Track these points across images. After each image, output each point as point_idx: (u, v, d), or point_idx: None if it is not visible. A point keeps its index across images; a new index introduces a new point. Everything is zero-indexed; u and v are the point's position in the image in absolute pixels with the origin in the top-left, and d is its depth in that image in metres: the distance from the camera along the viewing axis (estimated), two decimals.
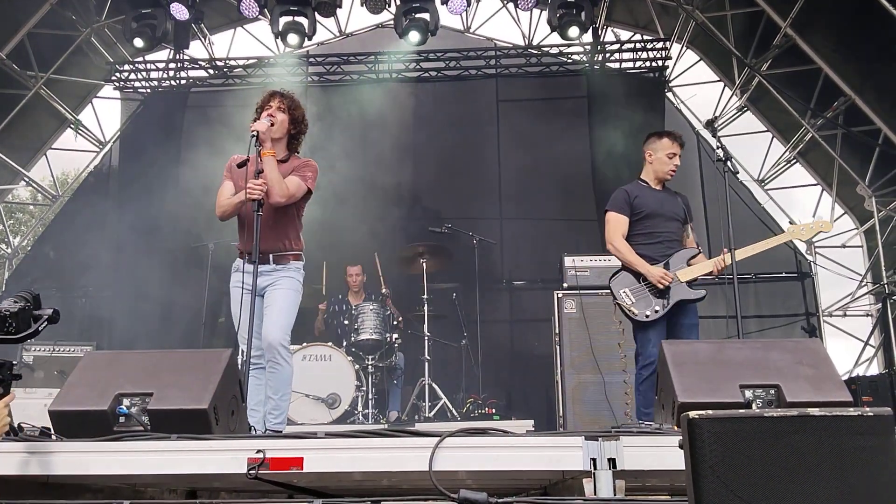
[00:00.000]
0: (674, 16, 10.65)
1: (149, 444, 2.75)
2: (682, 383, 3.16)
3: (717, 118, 10.65)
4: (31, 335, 2.78)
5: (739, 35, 9.93)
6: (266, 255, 4.49)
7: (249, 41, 11.89)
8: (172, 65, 11.05)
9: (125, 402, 3.11)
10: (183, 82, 11.13)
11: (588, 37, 10.03)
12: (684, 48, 10.81)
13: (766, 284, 10.02)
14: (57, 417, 3.12)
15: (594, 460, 2.50)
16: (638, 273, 5.12)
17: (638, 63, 10.61)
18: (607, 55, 10.72)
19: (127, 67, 10.98)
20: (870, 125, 8.99)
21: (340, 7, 9.69)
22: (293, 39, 9.34)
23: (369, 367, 7.64)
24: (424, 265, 7.97)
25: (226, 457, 2.65)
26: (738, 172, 6.38)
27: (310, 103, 8.47)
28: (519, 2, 9.78)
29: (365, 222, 9.45)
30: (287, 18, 9.24)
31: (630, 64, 10.66)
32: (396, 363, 7.97)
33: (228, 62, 11.20)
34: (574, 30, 9.23)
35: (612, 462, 2.49)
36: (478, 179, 10.14)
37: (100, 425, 3.03)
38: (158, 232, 9.74)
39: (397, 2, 9.61)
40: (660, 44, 10.50)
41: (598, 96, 10.27)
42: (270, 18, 9.46)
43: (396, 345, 7.90)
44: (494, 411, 7.60)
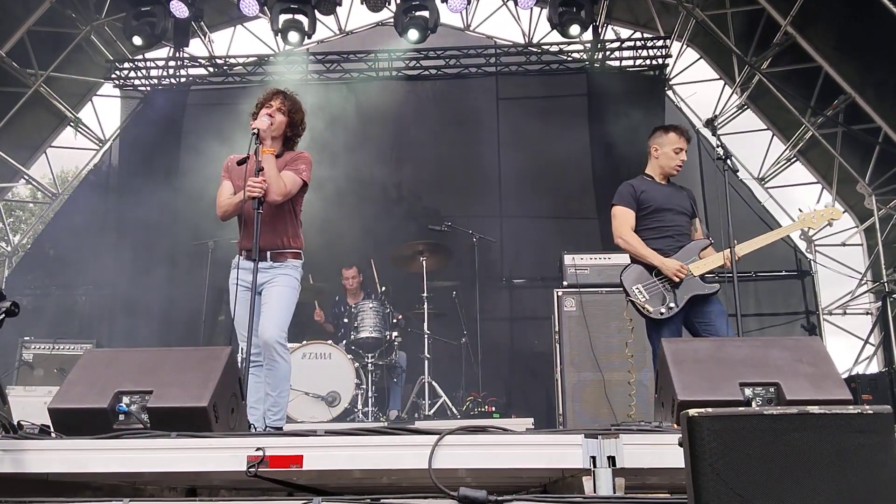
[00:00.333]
0: (674, 14, 10.64)
1: (148, 442, 2.75)
2: (682, 381, 3.16)
3: (717, 116, 10.64)
4: None
5: (740, 33, 9.92)
6: (263, 253, 4.47)
7: (249, 39, 11.90)
8: (172, 63, 11.05)
9: (125, 400, 3.11)
10: (183, 80, 11.11)
11: (588, 35, 10.02)
12: (684, 46, 10.80)
13: (766, 283, 10.02)
14: (56, 415, 3.12)
15: (594, 458, 2.50)
16: (650, 267, 4.95)
17: (638, 61, 10.60)
18: (607, 53, 10.70)
19: (127, 65, 10.97)
20: (870, 123, 8.98)
21: (340, 5, 9.70)
22: (293, 37, 9.33)
23: (369, 365, 7.63)
24: (424, 263, 7.95)
25: (225, 455, 2.65)
26: (738, 171, 6.38)
27: (310, 101, 8.45)
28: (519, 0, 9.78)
29: (364, 220, 9.46)
30: (287, 16, 9.23)
31: (630, 62, 10.65)
32: (396, 361, 7.95)
33: (228, 60, 11.20)
34: (575, 28, 9.24)
35: (612, 460, 2.49)
36: (478, 177, 10.13)
37: (99, 423, 3.03)
38: (158, 230, 9.75)
39: (397, 0, 9.61)
40: (660, 42, 10.49)
41: (599, 94, 10.25)
42: (270, 16, 9.46)
43: (396, 343, 7.90)
44: (494, 409, 7.58)
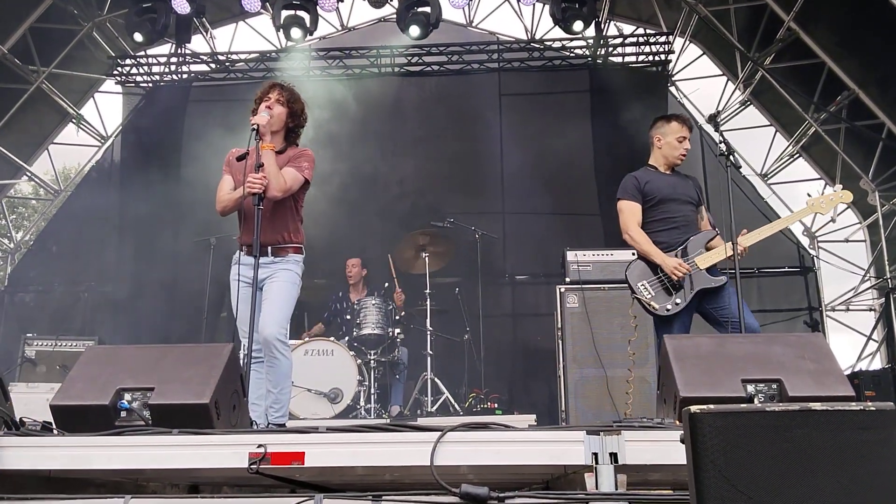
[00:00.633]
0: (676, 9, 10.62)
1: (150, 439, 2.75)
2: (684, 378, 3.15)
3: (720, 112, 10.62)
4: None
5: (742, 29, 9.90)
6: (264, 248, 4.45)
7: (251, 35, 11.90)
8: (174, 59, 11.04)
9: (126, 397, 3.11)
10: (184, 76, 11.12)
11: (591, 31, 10.00)
12: (687, 42, 10.78)
13: (769, 279, 10.02)
14: (58, 412, 3.11)
15: (596, 455, 2.49)
16: (654, 263, 4.92)
17: (641, 57, 10.58)
18: (610, 49, 10.67)
19: (129, 62, 10.96)
20: (873, 119, 8.97)
21: (342, 1, 9.67)
22: (295, 33, 9.32)
23: (371, 362, 7.63)
24: (427, 260, 7.95)
25: (227, 451, 2.65)
26: (741, 167, 6.35)
27: (312, 97, 8.44)
28: None
29: (366, 217, 9.45)
30: (289, 12, 9.22)
31: (633, 58, 10.63)
32: (399, 358, 7.96)
33: (230, 56, 11.18)
34: (577, 24, 9.22)
35: (614, 457, 2.49)
36: (480, 174, 10.12)
37: (101, 420, 3.03)
38: (160, 226, 9.74)
39: None
40: (663, 38, 10.45)
41: (601, 90, 10.24)
42: (272, 12, 9.45)
43: (399, 339, 7.90)
44: (496, 406, 7.59)
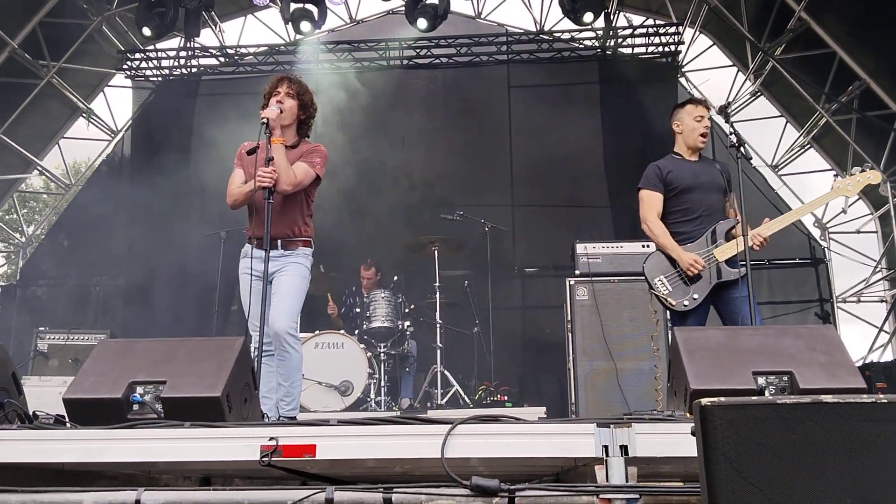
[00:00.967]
0: (686, 0, 10.55)
1: (162, 432, 2.76)
2: (695, 370, 3.14)
3: (731, 103, 10.57)
4: None
5: (753, 19, 9.84)
6: (274, 241, 4.45)
7: (260, 29, 11.93)
8: (183, 53, 11.07)
9: (139, 390, 3.13)
10: (194, 70, 11.14)
11: (600, 22, 9.93)
12: (697, 32, 10.71)
13: (780, 270, 9.98)
14: (71, 405, 3.14)
15: (606, 447, 2.49)
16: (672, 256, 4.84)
17: (650, 48, 10.52)
18: (619, 40, 10.62)
19: (138, 56, 11.00)
20: (885, 109, 8.91)
21: None
22: (304, 26, 9.33)
23: (381, 355, 7.65)
24: (436, 253, 7.95)
25: (238, 444, 2.65)
26: (752, 158, 6.30)
27: (321, 90, 8.45)
28: None
29: (376, 210, 9.44)
30: (297, 5, 9.22)
31: (642, 49, 10.57)
32: (409, 350, 7.97)
33: (239, 50, 11.19)
34: (588, 15, 9.16)
35: (625, 449, 2.48)
36: (489, 166, 10.12)
37: (114, 413, 3.05)
38: (171, 220, 9.77)
39: None
40: (672, 28, 10.40)
41: (611, 82, 10.22)
42: (281, 5, 9.44)
43: (409, 332, 7.91)
44: (506, 398, 7.60)
